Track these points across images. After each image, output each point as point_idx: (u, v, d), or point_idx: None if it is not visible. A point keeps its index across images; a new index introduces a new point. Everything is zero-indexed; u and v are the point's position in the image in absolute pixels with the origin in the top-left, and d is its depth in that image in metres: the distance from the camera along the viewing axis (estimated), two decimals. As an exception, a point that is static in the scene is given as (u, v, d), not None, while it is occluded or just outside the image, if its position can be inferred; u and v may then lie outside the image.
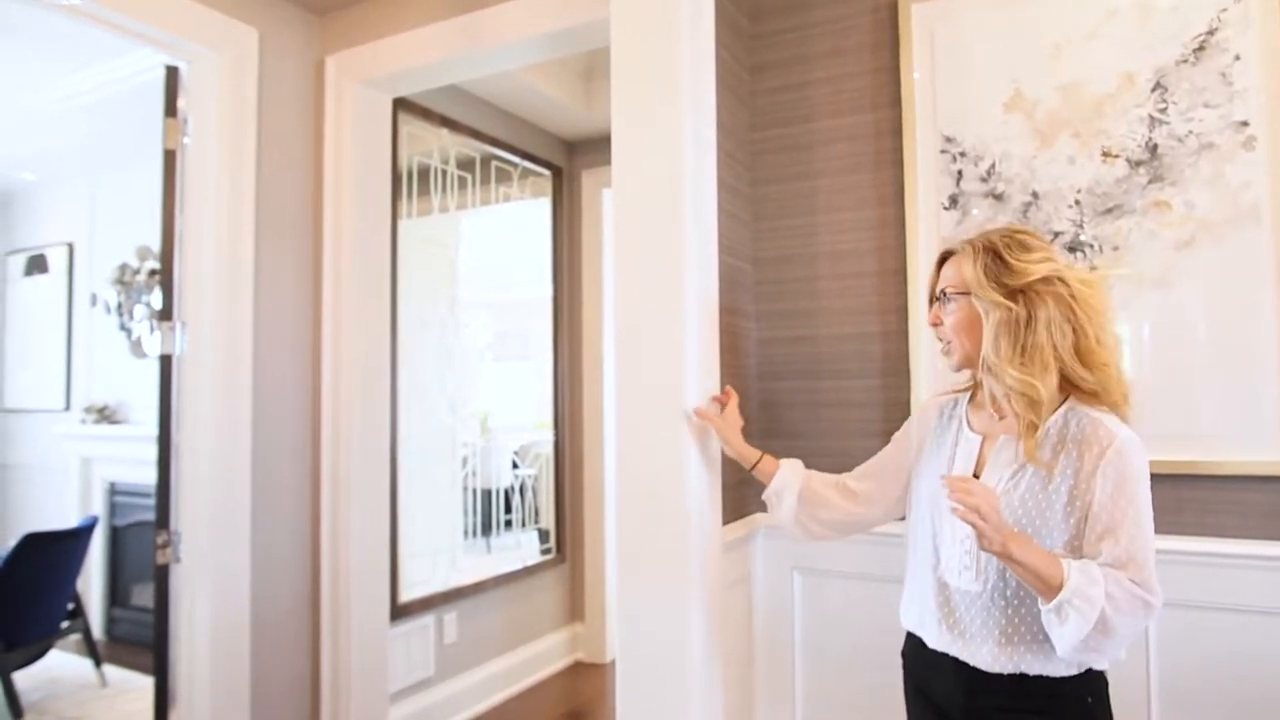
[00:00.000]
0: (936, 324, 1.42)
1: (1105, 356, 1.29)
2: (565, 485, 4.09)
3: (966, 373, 1.46)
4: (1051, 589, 1.18)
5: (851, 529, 1.64)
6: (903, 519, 1.56)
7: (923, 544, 1.43)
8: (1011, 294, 1.29)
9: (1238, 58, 1.70)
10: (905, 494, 1.56)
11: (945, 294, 1.39)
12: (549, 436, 4.05)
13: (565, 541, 4.10)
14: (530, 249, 4.04)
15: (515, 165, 3.86)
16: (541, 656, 3.88)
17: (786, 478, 1.64)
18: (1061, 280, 1.28)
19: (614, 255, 1.86)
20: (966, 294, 1.34)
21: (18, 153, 4.56)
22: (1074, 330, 1.27)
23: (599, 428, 4.03)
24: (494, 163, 3.75)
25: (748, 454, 1.73)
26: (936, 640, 1.38)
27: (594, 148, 4.14)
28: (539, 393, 4.06)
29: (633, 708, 1.77)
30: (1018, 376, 1.26)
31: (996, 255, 1.32)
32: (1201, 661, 1.67)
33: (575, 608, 4.14)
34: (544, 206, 4.06)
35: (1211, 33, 1.72)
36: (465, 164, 3.60)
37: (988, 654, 1.30)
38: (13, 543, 3.35)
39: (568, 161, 4.19)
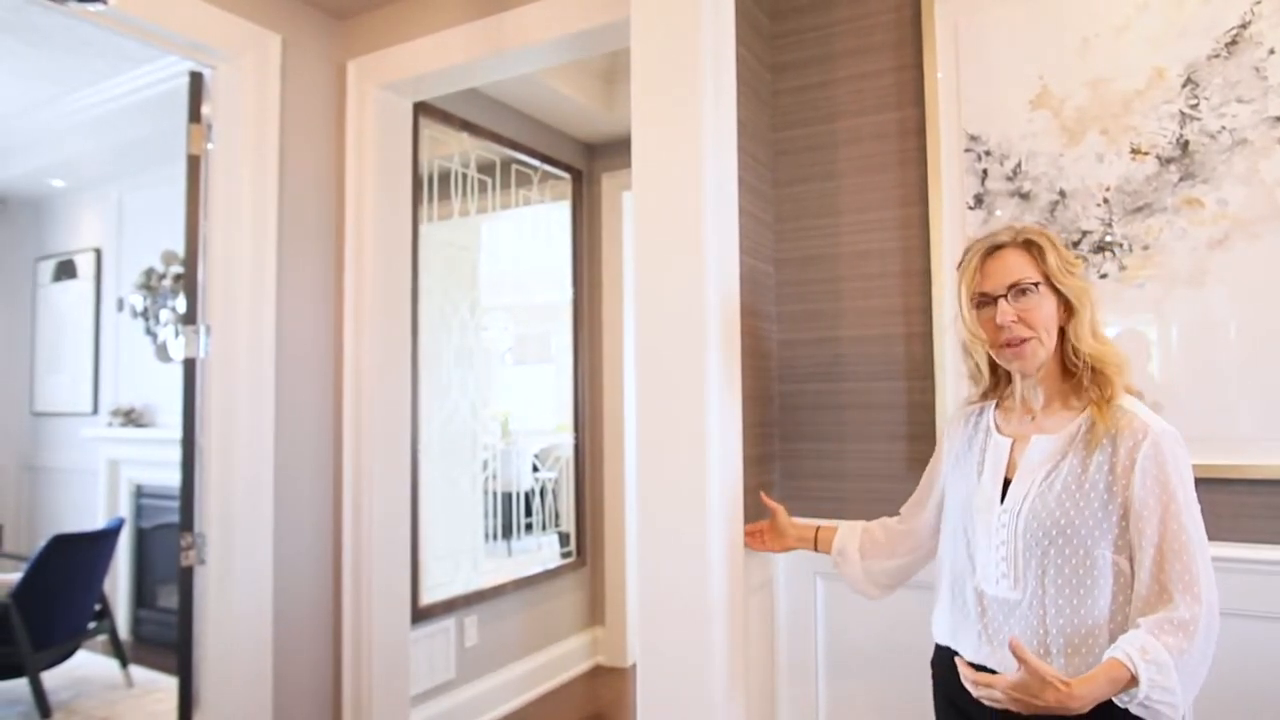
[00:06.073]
0: (1017, 321, 1.29)
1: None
2: (586, 488, 4.08)
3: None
4: (1127, 687, 1.14)
5: (913, 569, 1.63)
6: None
7: (958, 554, 1.40)
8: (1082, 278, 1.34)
9: (1272, 51, 1.66)
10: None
11: (1022, 287, 1.30)
12: (569, 439, 4.05)
13: (586, 545, 4.09)
14: (551, 252, 4.04)
15: (535, 168, 3.86)
16: (562, 660, 3.87)
17: (845, 535, 1.69)
18: None
19: (634, 257, 1.84)
20: (1047, 283, 1.32)
21: (47, 160, 4.64)
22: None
23: (619, 431, 4.02)
24: (514, 166, 3.76)
25: (806, 535, 1.79)
26: (975, 653, 1.34)
27: (615, 150, 4.13)
28: (559, 396, 4.06)
29: (654, 712, 1.75)
30: (1102, 350, 1.30)
31: (1055, 245, 1.34)
32: (1236, 671, 1.63)
33: (596, 611, 4.13)
34: (564, 209, 4.06)
35: (1244, 26, 1.68)
36: (485, 167, 3.61)
37: None
38: (41, 544, 3.40)
39: (588, 164, 4.19)
